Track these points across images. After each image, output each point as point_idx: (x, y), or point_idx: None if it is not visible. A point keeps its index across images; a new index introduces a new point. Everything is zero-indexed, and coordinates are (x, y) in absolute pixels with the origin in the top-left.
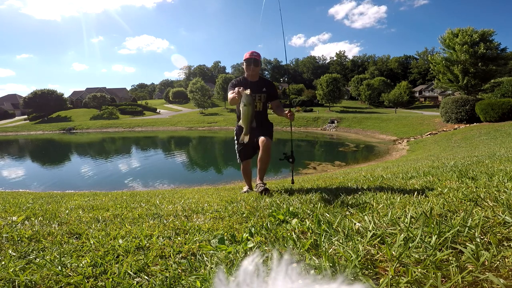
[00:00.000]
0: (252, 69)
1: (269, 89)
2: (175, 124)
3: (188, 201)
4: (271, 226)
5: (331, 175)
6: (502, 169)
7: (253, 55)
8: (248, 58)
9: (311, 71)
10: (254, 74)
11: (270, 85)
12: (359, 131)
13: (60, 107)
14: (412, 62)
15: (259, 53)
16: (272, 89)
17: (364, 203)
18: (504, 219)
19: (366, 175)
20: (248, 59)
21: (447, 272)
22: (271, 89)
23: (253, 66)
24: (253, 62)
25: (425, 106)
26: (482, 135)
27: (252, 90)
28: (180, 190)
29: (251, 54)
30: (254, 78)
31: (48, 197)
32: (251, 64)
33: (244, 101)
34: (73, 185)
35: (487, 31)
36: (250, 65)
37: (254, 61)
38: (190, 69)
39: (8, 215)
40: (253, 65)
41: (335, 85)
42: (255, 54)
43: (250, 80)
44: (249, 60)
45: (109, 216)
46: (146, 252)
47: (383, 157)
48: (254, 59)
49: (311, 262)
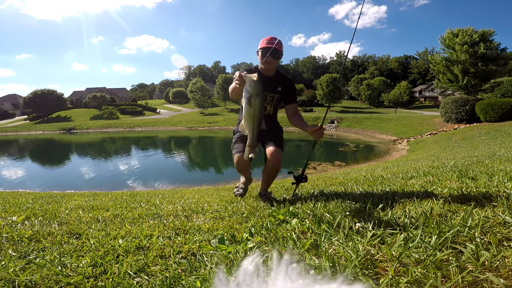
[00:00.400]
0: (269, 61)
1: (287, 88)
2: (175, 124)
3: (188, 201)
4: (271, 226)
5: (331, 175)
6: (502, 169)
7: (271, 42)
8: (265, 48)
9: (311, 71)
10: (270, 69)
11: (288, 83)
12: (359, 131)
13: (60, 107)
14: (412, 62)
15: (280, 41)
16: (290, 89)
17: (364, 203)
18: (504, 219)
19: (366, 175)
20: (265, 48)
21: (447, 272)
22: (289, 89)
23: (270, 58)
24: (272, 53)
25: (425, 106)
26: (482, 135)
27: (265, 87)
28: (180, 190)
29: (270, 42)
30: (269, 73)
31: (48, 197)
32: (269, 56)
33: (248, 90)
34: (73, 185)
35: (487, 31)
36: (266, 56)
37: (273, 52)
38: (190, 69)
39: (8, 215)
40: (271, 56)
41: (335, 85)
42: (274, 42)
43: (264, 74)
44: (265, 50)
45: (109, 216)
46: (146, 252)
47: (383, 157)
48: (274, 49)
49: (311, 262)
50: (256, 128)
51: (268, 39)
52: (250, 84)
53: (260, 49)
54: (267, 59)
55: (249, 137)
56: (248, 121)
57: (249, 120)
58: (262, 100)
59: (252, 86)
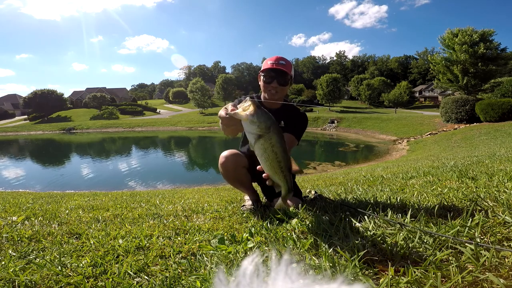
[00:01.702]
0: (274, 88)
1: (291, 119)
2: (175, 124)
3: (188, 201)
4: (271, 226)
5: (331, 175)
6: (502, 169)
7: (279, 64)
8: (268, 69)
9: (311, 71)
10: (276, 98)
11: (294, 117)
12: (359, 131)
13: (60, 107)
14: (412, 62)
15: (289, 62)
16: (295, 120)
17: (364, 203)
18: (504, 219)
19: (366, 175)
20: (268, 70)
21: (447, 272)
22: (294, 120)
23: (275, 84)
24: (277, 76)
25: (425, 106)
26: (482, 135)
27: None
28: (180, 190)
29: (276, 63)
30: (274, 105)
31: (48, 197)
32: (273, 80)
33: (253, 130)
34: (73, 185)
35: (487, 31)
36: (270, 81)
37: (279, 75)
38: (190, 69)
39: (8, 215)
40: (275, 81)
41: (335, 85)
42: (282, 63)
43: (268, 106)
44: (269, 74)
45: (109, 216)
46: (146, 252)
47: (383, 157)
48: (279, 72)
49: (311, 262)
50: (287, 173)
51: (274, 60)
52: (251, 121)
53: (262, 71)
54: (271, 85)
55: (284, 188)
56: (275, 170)
57: (275, 169)
58: (279, 133)
59: (256, 121)
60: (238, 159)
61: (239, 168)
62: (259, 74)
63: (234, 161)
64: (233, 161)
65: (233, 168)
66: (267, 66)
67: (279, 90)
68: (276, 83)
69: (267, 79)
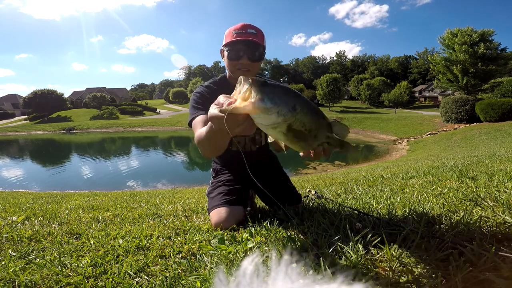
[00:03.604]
0: (244, 65)
1: None
2: (175, 124)
3: (188, 201)
4: (271, 226)
5: (331, 175)
6: (502, 169)
7: (248, 34)
8: (235, 41)
9: (311, 71)
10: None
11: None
12: (359, 131)
13: (60, 107)
14: (412, 62)
15: (260, 30)
16: None
17: (364, 203)
18: (504, 219)
19: (366, 175)
20: (234, 42)
21: (447, 272)
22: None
23: (245, 59)
24: (247, 50)
25: (425, 106)
26: (482, 135)
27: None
28: (180, 190)
29: (244, 32)
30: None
31: (48, 197)
32: (242, 56)
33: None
34: (73, 185)
35: (487, 31)
36: (238, 57)
37: (249, 47)
38: (190, 69)
39: (8, 215)
40: (245, 57)
41: (335, 85)
42: (252, 32)
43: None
44: (235, 47)
45: (109, 216)
46: (146, 252)
47: (383, 157)
48: (249, 43)
49: (311, 262)
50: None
51: (240, 28)
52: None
53: (226, 45)
54: (240, 62)
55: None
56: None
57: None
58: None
59: (272, 107)
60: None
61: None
62: (221, 49)
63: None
64: (229, 224)
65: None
66: (233, 38)
67: (251, 68)
68: (246, 59)
69: (234, 55)
